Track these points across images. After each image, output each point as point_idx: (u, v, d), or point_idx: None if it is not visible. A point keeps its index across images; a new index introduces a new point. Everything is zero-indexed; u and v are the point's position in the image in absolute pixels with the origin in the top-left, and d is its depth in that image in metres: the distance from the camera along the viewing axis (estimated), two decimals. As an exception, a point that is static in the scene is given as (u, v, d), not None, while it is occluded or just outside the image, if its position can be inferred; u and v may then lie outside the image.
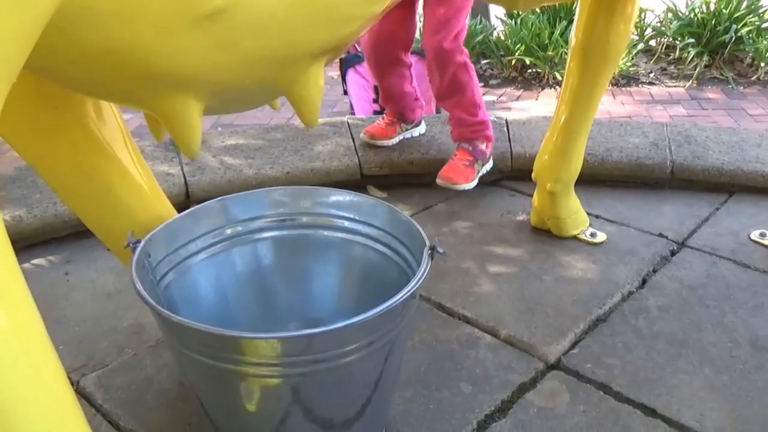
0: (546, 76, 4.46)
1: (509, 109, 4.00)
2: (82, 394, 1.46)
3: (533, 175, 2.06)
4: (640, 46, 4.81)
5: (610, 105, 4.01)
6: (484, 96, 4.24)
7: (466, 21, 2.19)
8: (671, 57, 4.75)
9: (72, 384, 1.48)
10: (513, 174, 2.45)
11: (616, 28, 1.74)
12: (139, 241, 1.18)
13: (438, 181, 2.23)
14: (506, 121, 2.59)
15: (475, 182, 2.26)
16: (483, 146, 2.29)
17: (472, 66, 2.22)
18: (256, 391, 1.09)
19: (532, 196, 2.14)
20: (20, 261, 1.97)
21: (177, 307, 1.24)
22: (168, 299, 1.22)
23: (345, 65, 2.98)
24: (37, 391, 0.72)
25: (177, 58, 0.88)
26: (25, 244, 2.01)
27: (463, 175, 2.23)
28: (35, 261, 1.97)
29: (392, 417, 1.38)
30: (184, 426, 1.37)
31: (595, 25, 1.75)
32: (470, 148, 2.28)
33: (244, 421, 1.15)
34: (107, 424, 1.38)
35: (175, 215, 1.31)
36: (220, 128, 3.20)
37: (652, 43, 4.93)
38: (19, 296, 0.71)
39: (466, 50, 2.20)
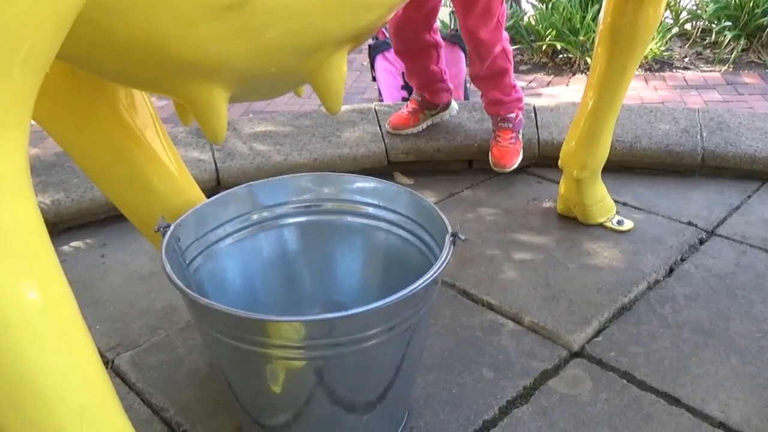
0: (577, 62, 4.39)
1: (539, 95, 3.96)
2: (116, 372, 1.51)
3: (560, 162, 2.05)
4: (675, 29, 4.70)
5: (642, 90, 3.94)
6: (514, 82, 4.21)
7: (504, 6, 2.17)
8: (707, 41, 4.64)
9: (107, 362, 1.54)
10: (540, 161, 2.44)
11: (645, 12, 1.72)
12: (168, 226, 1.21)
13: (494, 168, 2.31)
14: (534, 107, 2.58)
15: (522, 149, 2.34)
16: (520, 115, 2.34)
17: (510, 51, 2.23)
18: (281, 373, 1.11)
19: (558, 183, 2.13)
20: (59, 244, 2.05)
21: (205, 290, 1.28)
22: (197, 282, 1.26)
23: (373, 51, 2.99)
24: (70, 367, 0.74)
25: (201, 48, 0.90)
26: (63, 228, 2.08)
27: (514, 153, 2.31)
28: (73, 243, 2.04)
29: (415, 401, 1.40)
30: (212, 405, 1.41)
31: (624, 9, 1.73)
32: (510, 125, 2.31)
33: (269, 402, 1.18)
34: (140, 402, 1.43)
35: (204, 200, 1.35)
36: (251, 114, 3.24)
37: (688, 26, 4.82)
38: (52, 275, 0.74)
39: (506, 34, 2.20)
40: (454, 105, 2.51)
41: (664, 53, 4.44)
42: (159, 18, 0.84)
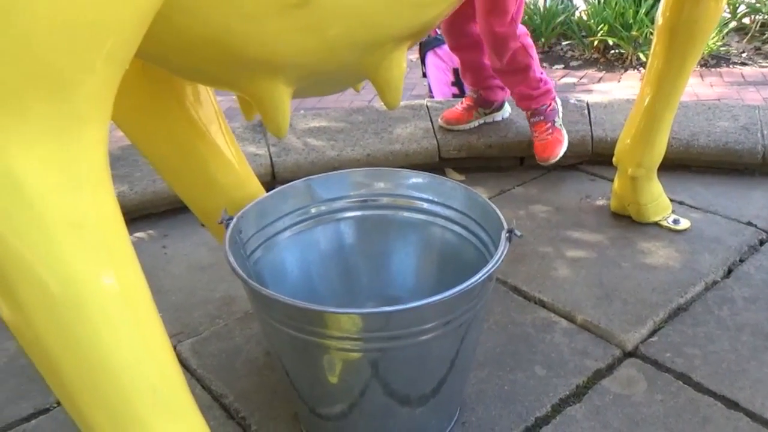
0: (629, 57, 4.31)
1: (590, 91, 3.90)
2: (178, 358, 1.56)
3: (614, 159, 2.02)
4: (732, 24, 4.56)
5: (697, 87, 3.84)
6: (564, 78, 4.15)
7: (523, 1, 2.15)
8: (766, 35, 4.49)
9: (169, 349, 1.59)
10: (593, 158, 2.41)
11: (705, 6, 1.68)
12: (231, 218, 1.24)
13: (539, 162, 2.30)
14: (587, 104, 2.54)
15: (565, 136, 2.31)
16: (551, 105, 2.31)
17: (531, 45, 2.21)
18: (338, 363, 1.13)
19: (612, 181, 2.10)
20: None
21: (265, 281, 1.31)
22: (257, 273, 1.29)
23: (424, 48, 2.99)
24: (143, 350, 0.77)
25: (268, 45, 0.93)
26: (127, 219, 2.14)
27: (555, 143, 2.29)
28: (136, 234, 2.10)
29: (467, 396, 1.41)
30: (270, 394, 1.44)
31: (683, 4, 1.69)
32: (542, 118, 2.29)
33: (325, 392, 1.20)
34: (201, 388, 1.47)
35: (264, 194, 1.38)
36: (303, 111, 3.28)
37: (746, 20, 4.67)
38: (128, 263, 0.78)
39: (524, 30, 2.18)
40: (507, 107, 2.51)
41: (721, 48, 4.31)
42: (229, 16, 0.87)
